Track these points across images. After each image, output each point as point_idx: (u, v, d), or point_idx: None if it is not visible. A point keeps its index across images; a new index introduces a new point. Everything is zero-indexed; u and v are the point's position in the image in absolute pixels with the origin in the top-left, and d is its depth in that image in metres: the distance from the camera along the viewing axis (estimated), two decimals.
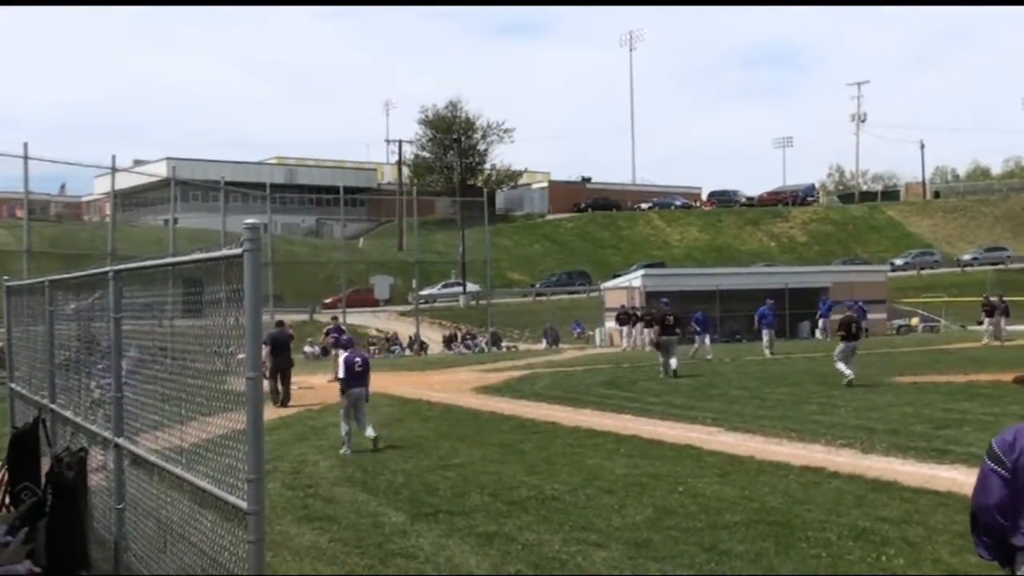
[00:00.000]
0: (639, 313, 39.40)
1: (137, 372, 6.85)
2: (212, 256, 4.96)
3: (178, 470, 5.41)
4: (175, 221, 37.20)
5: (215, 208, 42.22)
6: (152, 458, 5.96)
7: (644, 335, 36.65)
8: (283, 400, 20.17)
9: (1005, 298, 37.80)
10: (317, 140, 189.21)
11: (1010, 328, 37.15)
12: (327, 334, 30.43)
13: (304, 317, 51.36)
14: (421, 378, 27.39)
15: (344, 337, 18.12)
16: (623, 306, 41.95)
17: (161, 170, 60.09)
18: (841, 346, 21.26)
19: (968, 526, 4.07)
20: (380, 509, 9.79)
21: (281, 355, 20.65)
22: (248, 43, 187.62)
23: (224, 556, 4.88)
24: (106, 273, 6.77)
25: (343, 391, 14.10)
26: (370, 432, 13.93)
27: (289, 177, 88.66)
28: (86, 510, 6.96)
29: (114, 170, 30.68)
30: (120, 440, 6.55)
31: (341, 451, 13.68)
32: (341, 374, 14.38)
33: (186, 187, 56.21)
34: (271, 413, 18.74)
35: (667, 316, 25.62)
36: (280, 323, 22.48)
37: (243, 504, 4.35)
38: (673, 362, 24.58)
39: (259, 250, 4.22)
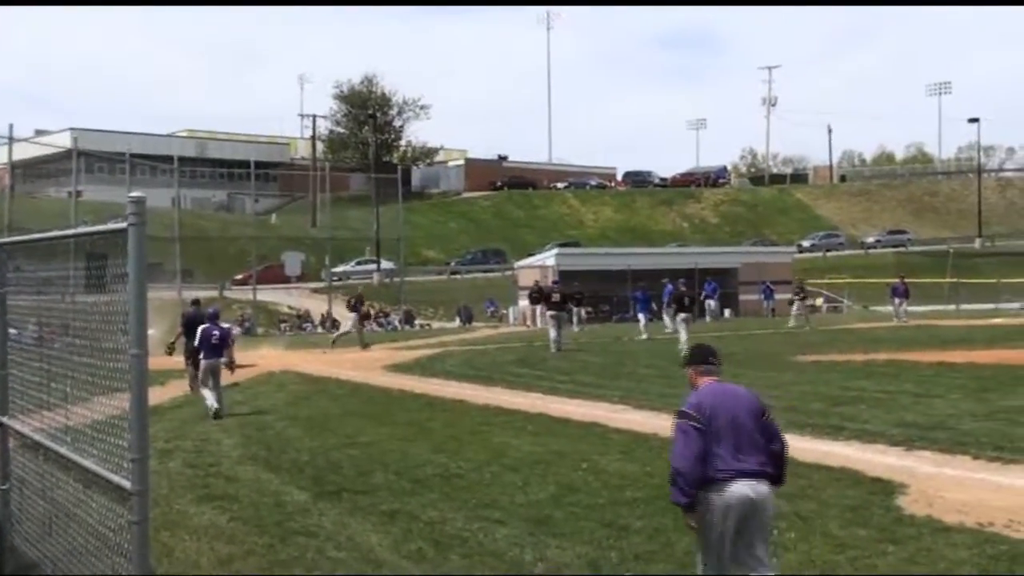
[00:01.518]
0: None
1: (28, 350, 6.64)
2: (96, 230, 4.82)
3: (63, 450, 5.27)
4: (78, 194, 36.16)
5: (122, 181, 41.19)
6: (38, 437, 5.79)
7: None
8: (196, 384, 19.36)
9: (907, 280, 38.93)
10: (229, 113, 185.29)
11: (911, 309, 38.33)
12: (352, 305, 31.37)
13: (214, 294, 50.49)
14: (332, 356, 27.18)
15: (210, 310, 17.76)
16: (536, 282, 42.00)
17: (64, 141, 58.28)
18: (678, 317, 24.75)
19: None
20: (283, 488, 9.69)
21: (187, 338, 19.83)
22: (161, 14, 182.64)
23: (111, 536, 4.77)
24: None
25: (200, 362, 15.44)
26: (212, 402, 14.77)
27: (200, 150, 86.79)
28: None
29: (11, 139, 29.70)
30: (5, 419, 6.35)
31: (211, 415, 14.56)
32: (197, 344, 15.62)
33: (91, 159, 54.80)
34: (176, 391, 18.43)
35: (553, 293, 27.23)
36: (196, 302, 21.51)
37: (127, 484, 4.24)
38: (552, 337, 25.61)
39: (144, 224, 4.10)
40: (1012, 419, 12.46)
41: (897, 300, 37.21)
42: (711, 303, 41.34)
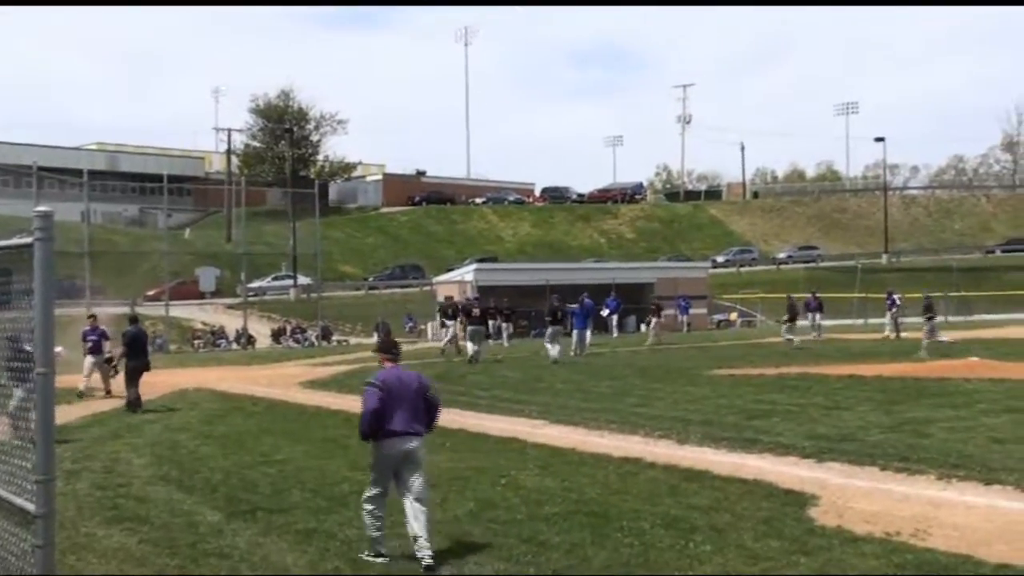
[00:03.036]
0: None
1: None
2: (1, 245, 4.67)
3: None
4: None
5: (29, 194, 40.12)
6: None
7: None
8: (135, 405, 17.78)
9: (818, 295, 39.70)
10: (140, 126, 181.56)
11: (826, 323, 39.09)
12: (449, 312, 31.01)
13: (125, 310, 49.32)
14: (247, 372, 26.78)
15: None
16: (447, 297, 41.87)
17: None
18: (549, 330, 26.79)
19: None
20: (195, 508, 9.49)
21: (138, 356, 18.39)
22: (69, 19, 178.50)
23: (13, 561, 4.61)
24: None
25: None
26: None
27: (110, 164, 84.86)
28: None
29: None
30: None
31: None
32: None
33: None
34: (84, 410, 17.94)
35: (472, 309, 28.98)
36: (135, 319, 20.24)
37: (31, 506, 4.11)
38: (470, 348, 27.51)
39: (51, 239, 3.98)
40: (917, 430, 12.83)
41: (811, 315, 37.91)
42: (613, 319, 41.67)
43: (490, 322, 31.89)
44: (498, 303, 35.05)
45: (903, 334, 34.61)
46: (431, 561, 7.19)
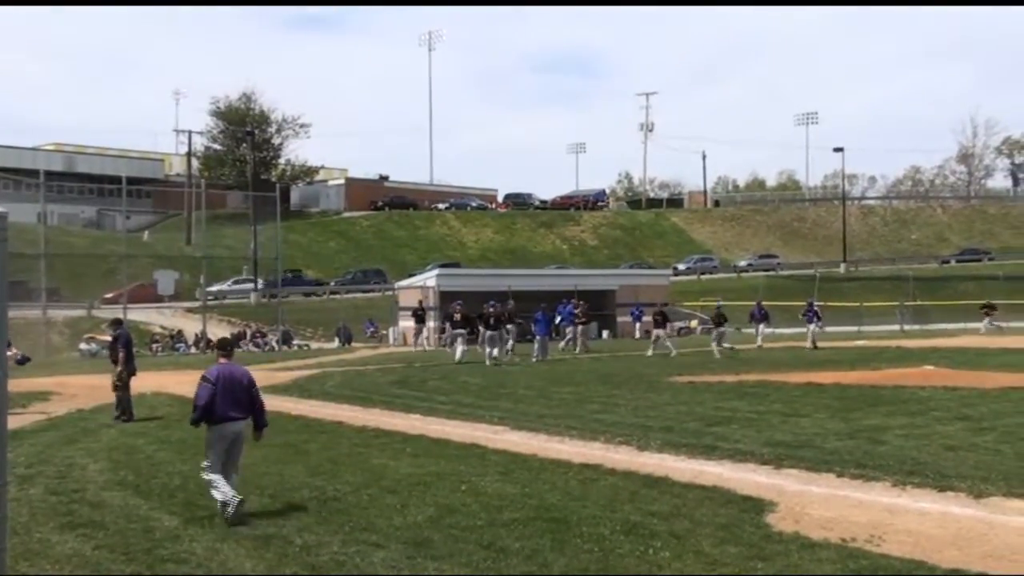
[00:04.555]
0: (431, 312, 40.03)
1: None
2: None
3: None
4: None
5: None
6: None
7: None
8: (129, 415, 16.89)
9: (764, 303, 39.94)
10: (99, 126, 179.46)
11: (770, 331, 39.39)
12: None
13: (81, 313, 48.80)
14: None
15: None
16: (420, 302, 41.82)
17: None
18: (488, 334, 28.89)
19: None
20: (152, 513, 9.39)
21: (128, 361, 17.45)
22: (24, 17, 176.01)
23: None
24: None
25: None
26: None
27: (68, 165, 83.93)
28: None
29: None
30: None
31: None
32: None
33: None
34: (37, 414, 17.68)
35: (454, 314, 30.98)
36: (119, 322, 19.36)
37: None
38: (458, 353, 29.44)
39: (5, 240, 3.93)
40: (873, 437, 12.97)
41: (756, 325, 37.97)
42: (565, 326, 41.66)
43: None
44: (511, 311, 34.09)
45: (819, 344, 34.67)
46: (239, 497, 8.99)
